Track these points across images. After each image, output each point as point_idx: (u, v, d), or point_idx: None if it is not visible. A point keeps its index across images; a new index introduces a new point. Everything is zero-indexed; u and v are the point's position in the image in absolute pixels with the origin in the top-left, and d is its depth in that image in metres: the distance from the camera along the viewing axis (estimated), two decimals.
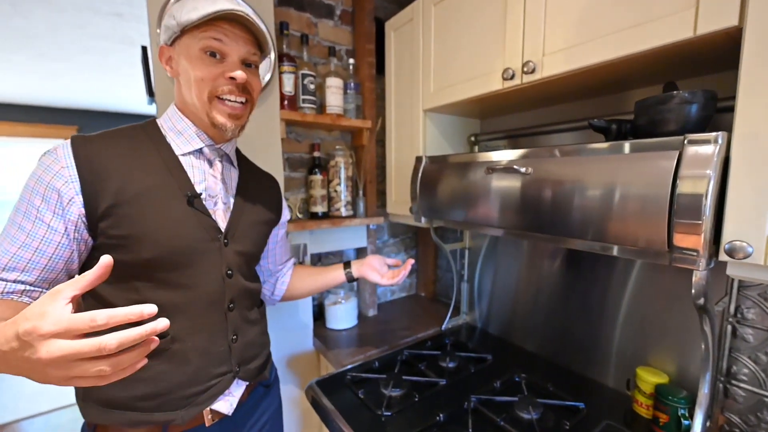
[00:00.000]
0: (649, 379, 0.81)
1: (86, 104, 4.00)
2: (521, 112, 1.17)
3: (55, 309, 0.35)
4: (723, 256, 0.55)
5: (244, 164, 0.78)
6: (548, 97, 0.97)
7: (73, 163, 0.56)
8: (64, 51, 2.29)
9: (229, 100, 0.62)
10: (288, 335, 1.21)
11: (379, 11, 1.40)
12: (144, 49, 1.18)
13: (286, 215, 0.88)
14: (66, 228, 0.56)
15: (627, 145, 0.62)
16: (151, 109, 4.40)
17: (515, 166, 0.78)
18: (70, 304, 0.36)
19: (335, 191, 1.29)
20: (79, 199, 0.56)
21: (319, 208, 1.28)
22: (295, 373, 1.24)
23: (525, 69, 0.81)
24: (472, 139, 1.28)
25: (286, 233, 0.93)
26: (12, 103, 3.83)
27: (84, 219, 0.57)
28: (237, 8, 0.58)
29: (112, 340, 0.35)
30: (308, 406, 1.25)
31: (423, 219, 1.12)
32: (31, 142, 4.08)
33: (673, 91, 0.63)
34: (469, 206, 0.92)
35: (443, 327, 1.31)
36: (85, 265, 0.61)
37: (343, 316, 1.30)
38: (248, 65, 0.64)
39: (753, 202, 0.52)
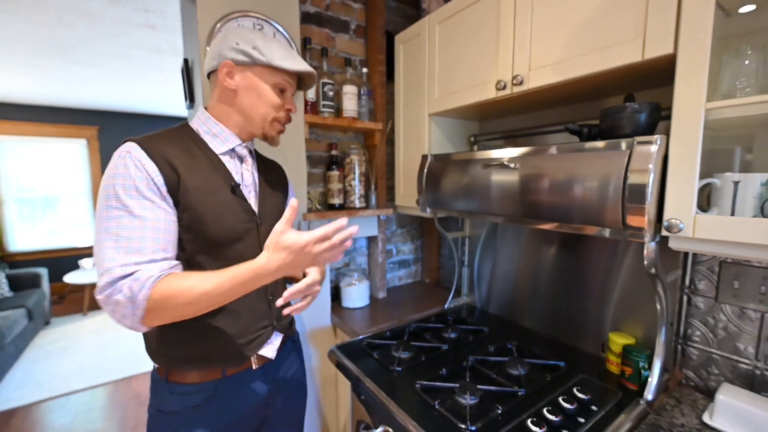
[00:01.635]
0: (618, 341, 0.97)
1: (106, 105, 4.20)
2: (514, 116, 1.33)
3: (301, 236, 0.63)
4: (663, 232, 0.71)
5: (259, 157, 0.93)
6: (535, 104, 1.13)
7: (150, 159, 0.67)
8: (96, 57, 2.49)
9: (281, 123, 0.83)
10: (308, 312, 1.37)
11: (389, 25, 1.56)
12: (186, 61, 1.35)
13: (292, 193, 1.00)
14: (171, 208, 0.69)
15: (593, 145, 0.78)
16: (167, 110, 4.60)
17: (505, 163, 0.94)
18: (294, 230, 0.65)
19: (350, 185, 1.46)
20: (165, 189, 0.69)
21: (336, 200, 1.44)
22: (315, 344, 1.41)
23: (514, 81, 0.97)
24: (472, 139, 1.44)
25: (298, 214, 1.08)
26: (38, 105, 4.04)
27: (166, 198, 0.71)
28: (312, 72, 0.82)
29: (328, 229, 0.64)
30: (326, 373, 1.42)
31: (428, 209, 1.29)
32: (54, 141, 4.29)
33: (632, 102, 0.79)
34: (468, 197, 1.08)
35: (446, 306, 1.47)
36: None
37: (356, 296, 1.47)
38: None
39: (683, 190, 0.68)
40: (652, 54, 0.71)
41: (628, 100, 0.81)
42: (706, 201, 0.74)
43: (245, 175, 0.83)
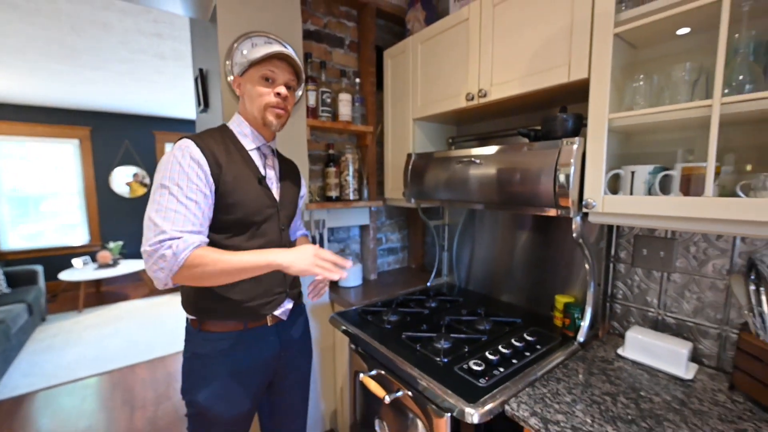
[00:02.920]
0: (561, 300, 1.22)
1: (98, 106, 4.29)
2: (484, 121, 1.58)
3: (318, 250, 0.86)
4: (584, 209, 0.96)
5: (279, 156, 1.13)
6: (499, 112, 1.38)
7: (201, 153, 0.86)
8: (102, 62, 2.63)
9: (274, 107, 0.95)
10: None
11: (378, 41, 1.79)
12: (201, 70, 1.55)
13: (304, 190, 1.21)
14: (211, 193, 0.89)
15: (535, 145, 1.03)
16: (159, 111, 4.69)
17: (472, 159, 1.18)
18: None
19: (345, 180, 1.68)
20: (210, 178, 0.88)
21: (333, 193, 1.66)
22: (315, 318, 1.62)
23: (480, 94, 1.22)
24: (450, 140, 1.68)
25: (303, 204, 1.29)
26: (32, 105, 4.11)
27: (209, 185, 0.92)
28: (284, 51, 0.93)
29: (328, 256, 0.85)
30: (325, 343, 1.64)
31: (413, 200, 1.52)
32: (47, 141, 4.36)
33: (563, 112, 1.04)
34: (445, 189, 1.32)
35: (428, 284, 1.71)
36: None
37: (351, 276, 1.69)
38: (289, 87, 0.98)
39: (596, 177, 0.93)
40: (575, 77, 0.96)
41: (561, 111, 1.06)
42: (615, 186, 1.00)
43: (268, 170, 1.04)
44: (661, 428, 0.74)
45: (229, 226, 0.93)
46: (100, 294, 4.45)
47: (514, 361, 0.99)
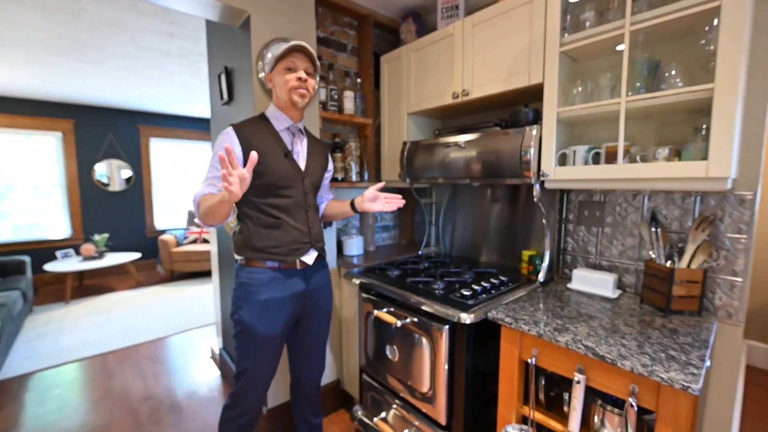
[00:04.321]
0: (526, 254, 1.58)
1: (83, 99, 4.30)
2: (462, 117, 1.93)
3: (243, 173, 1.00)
4: (541, 178, 1.31)
5: (309, 135, 1.41)
6: (476, 108, 1.73)
7: (237, 137, 1.18)
8: (106, 57, 2.76)
9: (297, 89, 1.20)
10: None
11: (375, 47, 2.10)
12: (226, 68, 1.79)
13: (331, 165, 1.50)
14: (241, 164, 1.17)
15: (505, 132, 1.37)
16: (146, 106, 4.74)
17: (458, 143, 1.52)
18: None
19: (349, 165, 1.97)
20: (241, 155, 1.17)
21: (339, 175, 1.95)
22: None
23: (463, 92, 1.55)
24: (436, 132, 2.02)
25: (330, 179, 1.58)
26: (15, 97, 4.07)
27: (242, 162, 1.19)
28: (301, 43, 1.20)
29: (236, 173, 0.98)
30: (335, 302, 1.92)
31: (408, 180, 1.84)
32: (30, 134, 4.31)
33: (526, 107, 1.39)
34: (436, 168, 1.65)
35: (420, 252, 2.03)
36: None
37: (354, 246, 1.98)
38: (308, 73, 1.26)
39: (549, 155, 1.29)
40: (533, 82, 1.32)
41: (524, 107, 1.42)
42: (563, 161, 1.36)
43: (295, 146, 1.32)
44: (594, 321, 1.09)
45: (262, 188, 1.22)
46: (83, 287, 4.45)
47: (493, 291, 1.33)
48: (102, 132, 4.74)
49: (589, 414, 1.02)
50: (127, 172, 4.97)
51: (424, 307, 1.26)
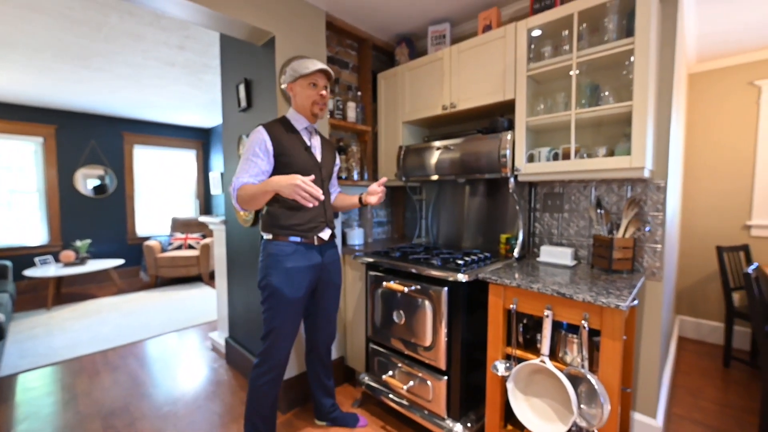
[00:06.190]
0: (503, 237, 1.93)
1: (65, 105, 4.31)
2: (447, 126, 2.29)
3: (300, 181, 1.28)
4: (515, 173, 1.67)
5: (321, 135, 1.71)
6: (461, 119, 2.10)
7: (267, 135, 1.45)
8: (111, 65, 2.90)
9: (318, 103, 1.54)
10: None
11: (373, 66, 2.43)
12: (246, 79, 2.04)
13: (338, 160, 1.79)
14: (269, 159, 1.44)
15: (486, 136, 1.73)
16: (132, 113, 4.80)
17: (448, 146, 1.86)
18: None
19: (351, 166, 2.26)
20: (272, 149, 1.45)
21: (342, 175, 2.23)
22: None
23: (451, 105, 1.91)
24: (425, 138, 2.36)
25: (337, 172, 1.85)
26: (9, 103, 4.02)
27: (272, 155, 1.46)
28: (325, 67, 1.52)
29: (307, 188, 1.28)
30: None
31: (403, 178, 2.16)
32: (8, 138, 4.24)
33: (502, 117, 1.76)
34: (428, 168, 1.98)
35: (412, 242, 2.34)
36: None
37: (356, 237, 2.26)
38: (325, 88, 1.58)
39: (521, 155, 1.65)
40: (507, 98, 1.69)
41: (501, 117, 1.79)
42: (531, 159, 1.72)
43: (313, 142, 1.61)
44: (558, 278, 1.44)
45: None
46: (62, 294, 4.35)
47: (480, 263, 1.66)
48: (84, 138, 4.73)
49: (556, 347, 1.35)
50: (94, 182, 4.90)
51: (428, 271, 1.56)
